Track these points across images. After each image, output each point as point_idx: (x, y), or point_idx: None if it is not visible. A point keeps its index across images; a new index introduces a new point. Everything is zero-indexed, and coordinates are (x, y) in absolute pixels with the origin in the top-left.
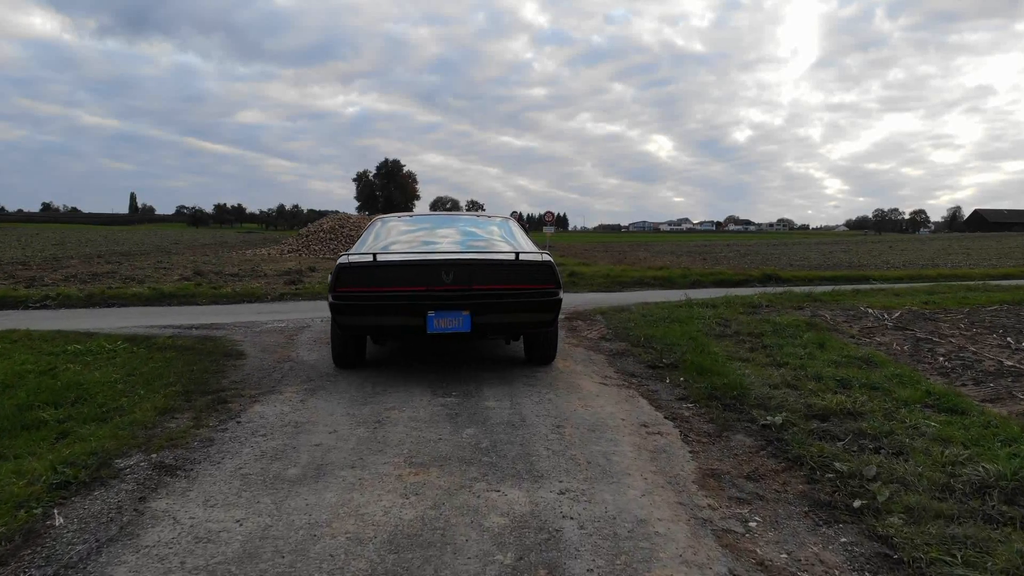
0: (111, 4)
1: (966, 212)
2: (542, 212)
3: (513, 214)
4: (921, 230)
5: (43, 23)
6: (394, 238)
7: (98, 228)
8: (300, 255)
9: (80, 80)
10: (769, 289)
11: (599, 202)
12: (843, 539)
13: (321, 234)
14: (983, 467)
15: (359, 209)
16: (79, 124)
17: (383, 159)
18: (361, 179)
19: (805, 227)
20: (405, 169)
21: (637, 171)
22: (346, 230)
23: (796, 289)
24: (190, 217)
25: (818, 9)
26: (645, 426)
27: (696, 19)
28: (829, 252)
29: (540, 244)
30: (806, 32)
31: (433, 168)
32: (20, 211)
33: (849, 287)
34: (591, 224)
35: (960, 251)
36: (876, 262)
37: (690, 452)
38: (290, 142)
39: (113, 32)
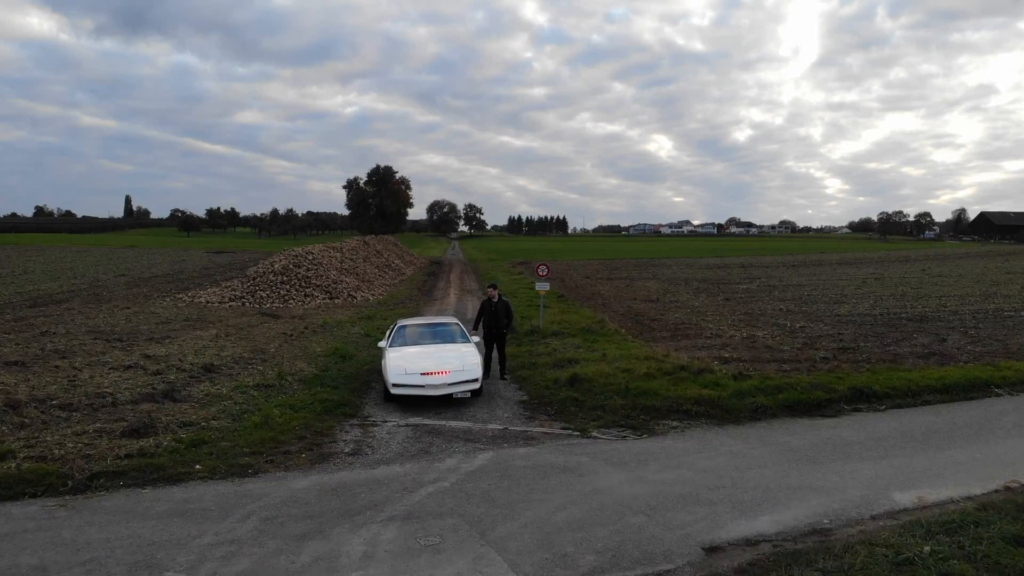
0: (108, 3)
1: (968, 210)
2: (542, 215)
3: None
4: (926, 232)
5: (40, 23)
6: None
7: (77, 239)
8: (243, 303)
9: (78, 80)
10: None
11: (599, 202)
12: None
13: (271, 276)
14: None
15: (351, 217)
16: (77, 125)
17: (375, 165)
18: (352, 186)
19: (807, 229)
20: (398, 175)
21: (637, 171)
22: (302, 270)
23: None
24: (182, 222)
25: (819, 7)
26: None
27: (697, 18)
28: (863, 283)
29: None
30: (807, 31)
31: (432, 168)
32: (13, 215)
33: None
34: (591, 225)
35: (1003, 276)
36: (934, 307)
37: None
38: (289, 142)
39: (110, 32)
